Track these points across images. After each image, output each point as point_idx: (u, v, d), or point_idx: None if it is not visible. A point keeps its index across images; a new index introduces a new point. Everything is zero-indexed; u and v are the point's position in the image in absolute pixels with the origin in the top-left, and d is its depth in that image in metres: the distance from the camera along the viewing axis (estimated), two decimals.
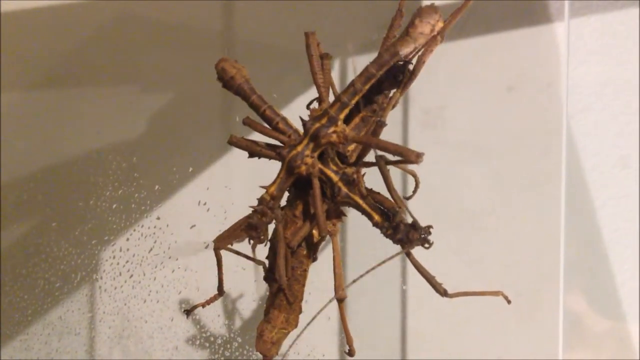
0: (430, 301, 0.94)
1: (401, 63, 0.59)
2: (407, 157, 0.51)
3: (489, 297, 0.60)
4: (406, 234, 0.55)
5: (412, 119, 0.95)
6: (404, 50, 0.53)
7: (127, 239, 0.95)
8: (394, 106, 0.60)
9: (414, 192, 0.69)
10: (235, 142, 0.61)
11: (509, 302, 0.60)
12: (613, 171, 0.99)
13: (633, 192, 0.98)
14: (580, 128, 0.98)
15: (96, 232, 0.95)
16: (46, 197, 0.99)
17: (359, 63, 0.84)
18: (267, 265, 0.64)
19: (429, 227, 0.55)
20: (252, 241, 0.58)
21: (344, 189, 0.58)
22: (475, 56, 0.94)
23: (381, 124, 0.58)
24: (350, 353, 0.60)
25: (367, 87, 0.56)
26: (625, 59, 0.98)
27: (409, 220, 0.55)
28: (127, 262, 0.94)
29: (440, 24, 0.52)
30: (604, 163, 0.99)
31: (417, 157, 0.51)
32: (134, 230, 0.95)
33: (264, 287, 0.90)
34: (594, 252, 1.00)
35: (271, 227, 0.60)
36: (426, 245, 0.55)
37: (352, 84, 0.56)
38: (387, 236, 0.56)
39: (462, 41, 0.93)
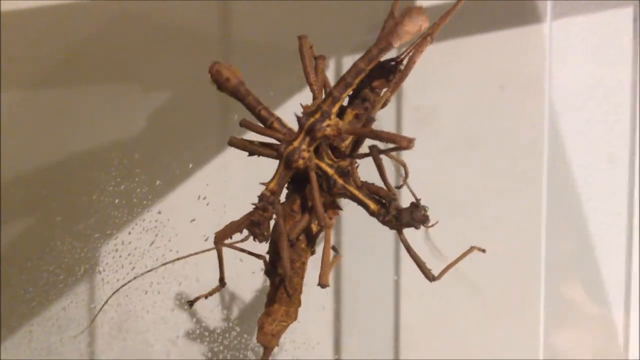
0: (423, 295, 0.96)
1: (393, 63, 0.61)
2: (399, 143, 0.53)
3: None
4: (411, 214, 0.57)
5: (404, 116, 0.97)
6: (393, 43, 0.55)
7: (129, 233, 0.96)
8: (385, 104, 0.62)
9: (404, 181, 0.70)
10: (235, 143, 0.62)
11: (483, 251, 0.64)
12: (600, 167, 1.00)
13: (620, 189, 1.00)
14: (571, 126, 0.99)
15: (99, 226, 0.96)
16: (51, 192, 0.99)
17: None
18: (267, 260, 0.65)
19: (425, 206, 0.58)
20: (256, 238, 0.60)
21: (340, 181, 0.60)
22: (468, 54, 0.95)
23: (370, 120, 0.60)
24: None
25: (357, 80, 0.57)
26: (616, 59, 0.99)
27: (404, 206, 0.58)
28: (129, 255, 0.95)
29: (426, 24, 0.54)
30: (593, 160, 1.00)
31: (408, 143, 0.53)
32: (136, 224, 0.96)
33: (261, 278, 0.92)
34: (581, 245, 1.01)
35: (272, 223, 0.61)
36: (429, 224, 0.58)
37: (343, 78, 0.57)
38: (384, 223, 0.59)
39: (455, 39, 0.94)
